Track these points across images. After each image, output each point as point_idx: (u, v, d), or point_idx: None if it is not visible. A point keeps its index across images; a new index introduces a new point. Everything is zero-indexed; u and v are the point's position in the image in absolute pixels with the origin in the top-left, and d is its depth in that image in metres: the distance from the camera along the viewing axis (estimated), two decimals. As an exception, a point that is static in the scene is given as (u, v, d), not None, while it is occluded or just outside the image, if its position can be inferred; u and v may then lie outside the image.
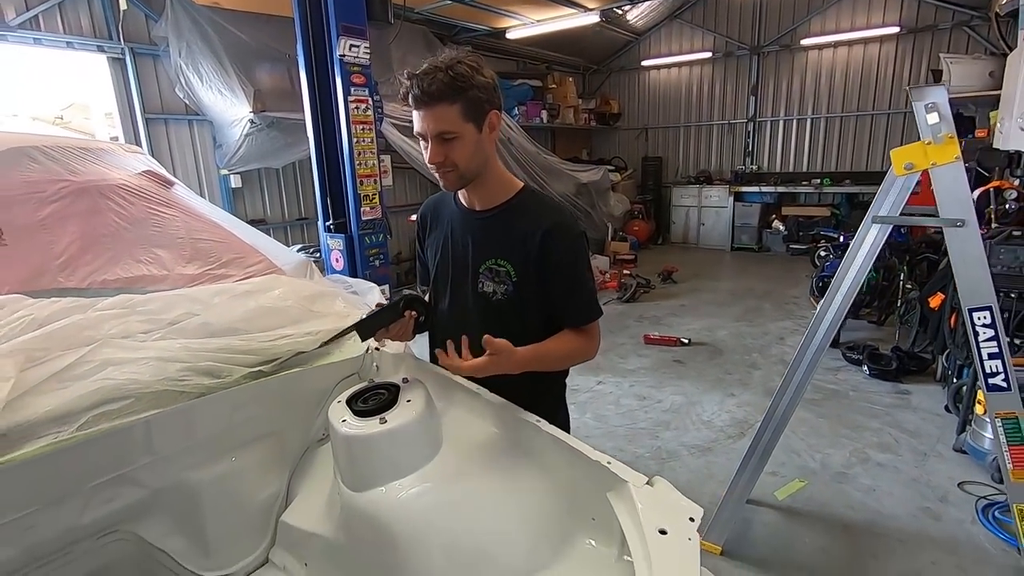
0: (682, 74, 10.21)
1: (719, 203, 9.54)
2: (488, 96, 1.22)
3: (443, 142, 1.22)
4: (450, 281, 1.44)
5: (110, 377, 1.14)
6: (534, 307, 1.35)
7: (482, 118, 1.23)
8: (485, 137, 1.26)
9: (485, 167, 1.31)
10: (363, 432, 1.16)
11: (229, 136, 5.16)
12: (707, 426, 3.59)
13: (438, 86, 1.15)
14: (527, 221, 1.31)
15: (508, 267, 1.33)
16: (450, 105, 1.18)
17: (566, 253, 1.31)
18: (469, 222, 1.39)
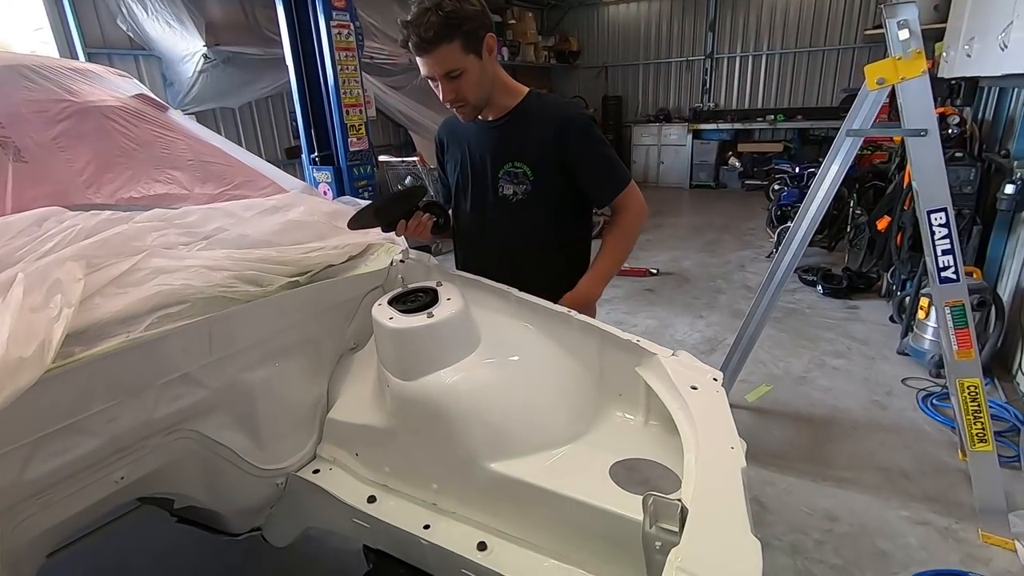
0: (640, 10, 10.11)
1: (678, 141, 9.71)
2: (481, 23, 1.28)
3: (451, 80, 1.30)
4: (471, 190, 1.53)
5: (166, 283, 1.18)
6: (553, 201, 1.45)
7: (480, 45, 1.30)
8: (487, 61, 1.33)
9: (495, 86, 1.39)
10: (413, 325, 1.25)
11: (181, 73, 4.87)
12: (680, 345, 3.83)
13: (434, 29, 1.22)
14: (537, 122, 1.40)
15: (525, 168, 1.43)
16: (449, 44, 1.24)
17: (581, 141, 1.41)
18: (483, 133, 1.47)
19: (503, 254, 1.55)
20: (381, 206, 1.40)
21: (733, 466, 0.89)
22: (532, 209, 1.46)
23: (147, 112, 1.75)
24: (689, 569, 0.71)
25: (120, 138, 1.58)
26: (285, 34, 2.64)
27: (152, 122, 1.73)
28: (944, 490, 2.38)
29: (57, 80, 1.60)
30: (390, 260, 1.64)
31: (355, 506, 1.33)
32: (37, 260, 1.03)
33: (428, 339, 1.27)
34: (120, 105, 1.68)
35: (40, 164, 1.36)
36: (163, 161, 1.61)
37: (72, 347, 1.03)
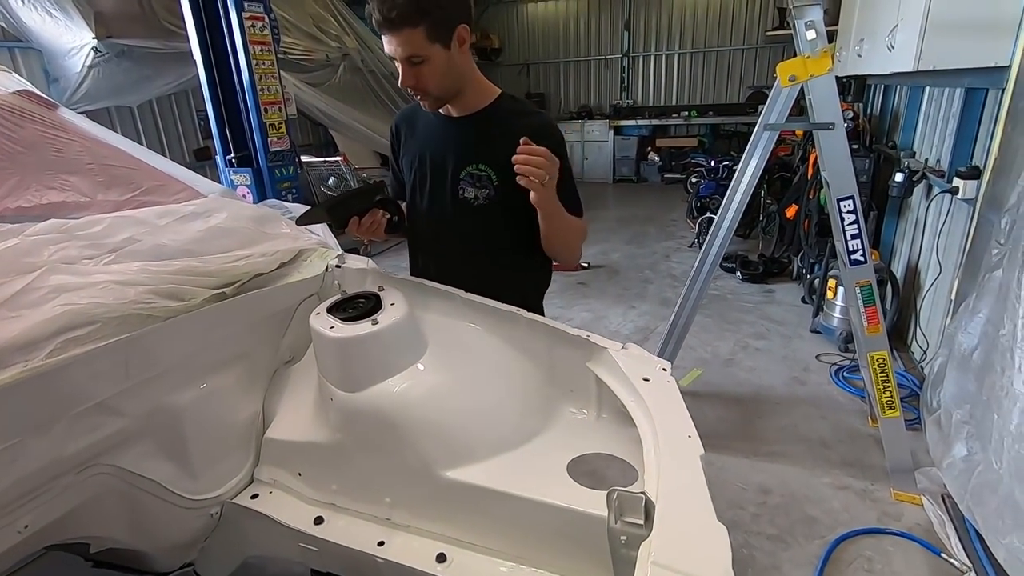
0: (559, 8, 10.28)
1: (600, 137, 9.97)
2: (454, 12, 1.20)
3: (412, 65, 1.21)
4: (428, 189, 1.44)
5: (71, 302, 1.05)
6: (516, 211, 1.35)
7: (450, 35, 1.21)
8: (455, 54, 1.24)
9: (464, 80, 1.31)
10: (357, 333, 1.19)
11: (67, 68, 4.40)
12: (615, 336, 3.94)
13: (399, 10, 1.12)
14: (509, 125, 1.31)
15: (490, 172, 1.35)
16: (413, 28, 1.15)
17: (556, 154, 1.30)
18: (446, 129, 1.39)
19: (464, 260, 1.50)
20: (336, 203, 1.32)
21: (692, 454, 0.91)
22: (494, 216, 1.39)
23: (31, 110, 1.56)
24: (663, 561, 0.71)
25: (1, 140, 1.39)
26: (191, 27, 2.43)
27: (39, 121, 1.54)
28: (859, 455, 2.59)
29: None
30: (325, 266, 1.56)
31: (300, 529, 1.25)
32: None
33: (374, 347, 1.21)
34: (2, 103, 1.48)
35: (-99, 172, 1.17)
36: (55, 165, 1.44)
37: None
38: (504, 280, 1.46)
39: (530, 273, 1.59)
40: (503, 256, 1.47)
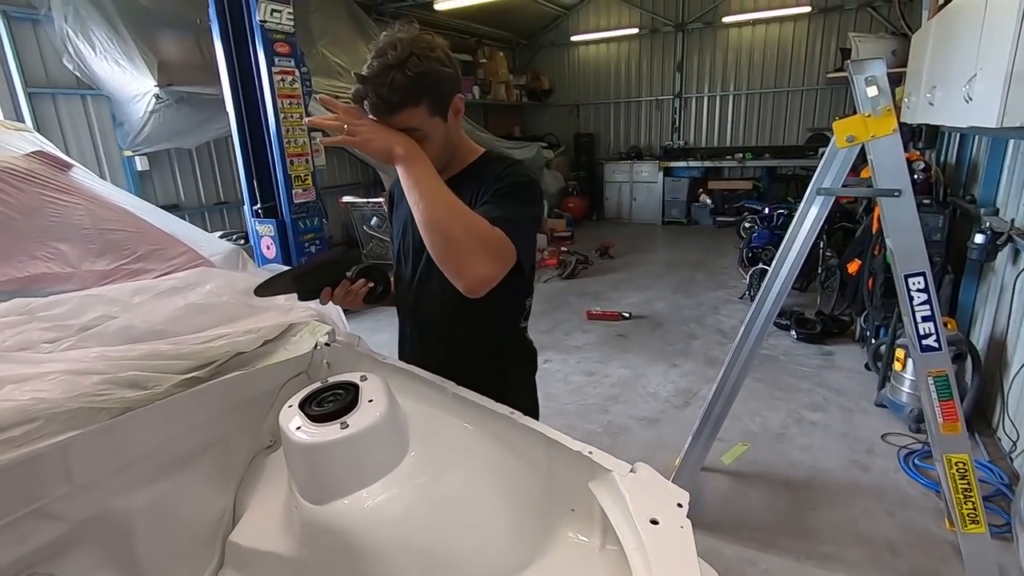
0: (611, 50, 10.28)
1: (650, 178, 9.76)
2: (450, 84, 1.13)
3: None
4: (412, 254, 1.35)
5: (9, 398, 0.96)
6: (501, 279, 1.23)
7: (447, 108, 1.15)
8: (452, 123, 1.18)
9: (457, 148, 1.25)
10: (322, 439, 1.05)
11: (131, 113, 4.65)
12: (654, 398, 3.68)
13: (400, 92, 1.04)
14: (481, 179, 1.23)
15: None
16: (415, 108, 1.08)
17: (503, 180, 1.19)
18: None
19: (444, 330, 1.37)
20: (301, 273, 1.21)
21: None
22: None
23: (40, 173, 1.54)
24: None
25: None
26: (225, 79, 2.48)
27: (45, 184, 1.52)
28: (934, 567, 2.21)
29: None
30: (314, 343, 1.44)
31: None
32: None
33: (341, 456, 1.06)
34: (5, 166, 1.47)
35: None
36: (49, 232, 1.40)
37: None
38: (487, 354, 1.35)
39: (515, 347, 1.44)
40: (484, 327, 1.32)
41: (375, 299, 1.33)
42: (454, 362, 1.33)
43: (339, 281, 1.23)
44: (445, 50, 1.12)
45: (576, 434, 3.24)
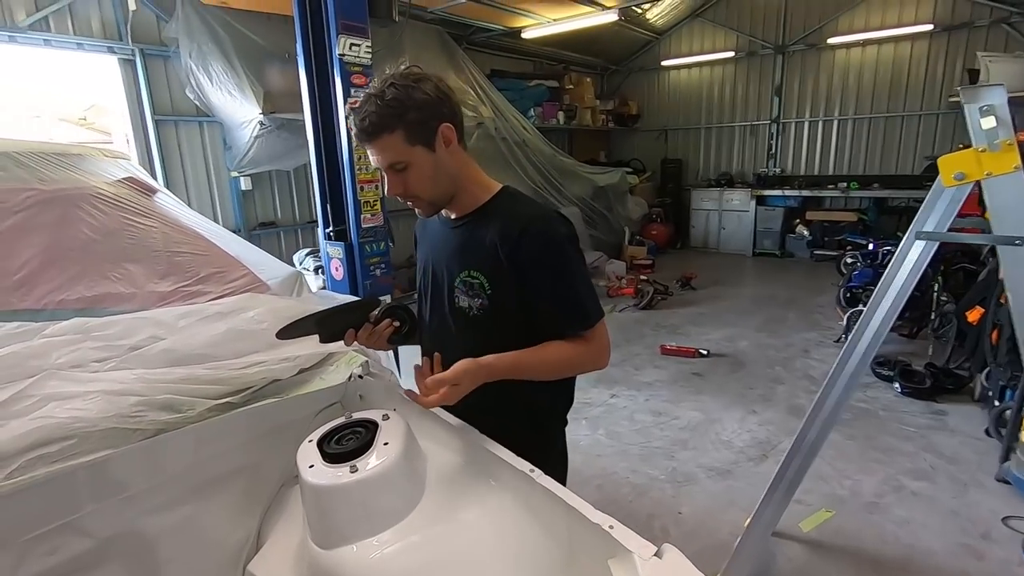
0: (703, 74, 9.95)
1: (740, 207, 9.26)
2: (431, 111, 1.12)
3: (397, 172, 1.15)
4: (430, 298, 1.33)
5: (51, 415, 1.02)
6: (513, 322, 1.21)
7: (431, 136, 1.13)
8: (442, 154, 1.16)
9: (458, 181, 1.21)
10: (331, 482, 1.02)
11: (239, 138, 5.09)
12: (727, 446, 3.39)
13: (372, 119, 1.10)
14: (499, 225, 1.18)
15: (481, 279, 1.21)
16: (391, 135, 1.11)
17: (544, 254, 1.17)
18: (446, 233, 1.29)
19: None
20: (324, 316, 1.21)
21: None
22: (490, 327, 1.22)
23: (126, 198, 1.68)
24: None
25: (82, 228, 1.50)
26: (307, 108, 2.62)
27: (128, 208, 1.65)
28: None
29: (34, 167, 1.55)
30: (349, 374, 1.43)
31: None
32: None
33: (348, 501, 1.02)
34: (95, 192, 1.61)
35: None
36: (124, 253, 1.51)
37: (-97, 504, 0.86)
38: (509, 399, 1.26)
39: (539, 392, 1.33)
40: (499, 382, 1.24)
41: (401, 339, 1.30)
42: (478, 404, 1.27)
43: (363, 323, 1.22)
44: (435, 85, 1.13)
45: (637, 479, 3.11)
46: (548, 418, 1.38)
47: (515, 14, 6.84)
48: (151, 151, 4.92)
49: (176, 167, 5.10)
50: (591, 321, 1.22)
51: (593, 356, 1.25)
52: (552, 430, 1.41)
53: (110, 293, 1.37)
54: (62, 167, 1.62)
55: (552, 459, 1.40)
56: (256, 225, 5.73)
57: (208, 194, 5.36)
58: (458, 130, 1.17)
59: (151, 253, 1.56)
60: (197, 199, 5.26)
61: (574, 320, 1.21)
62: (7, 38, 4.09)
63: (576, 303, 1.21)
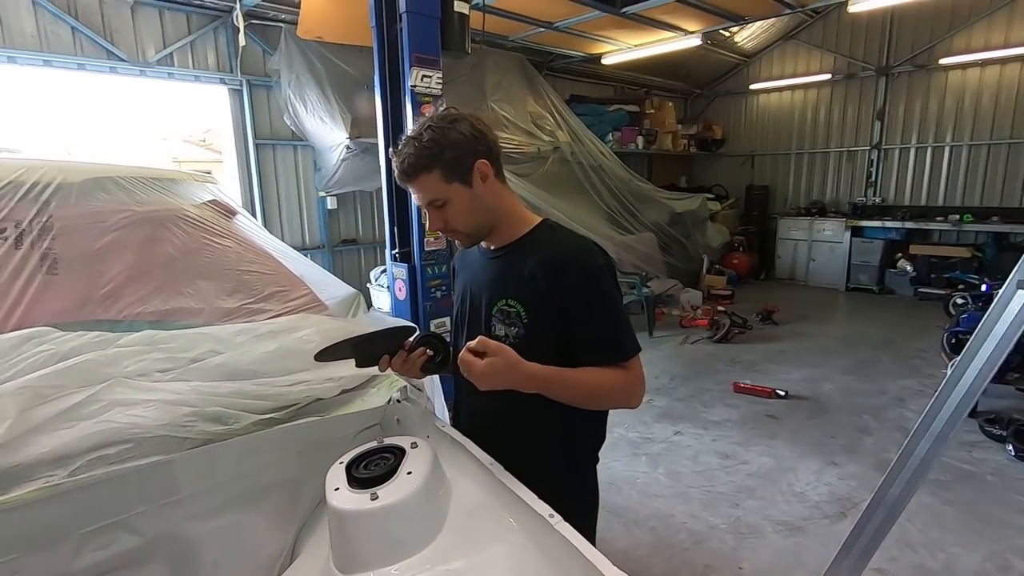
0: (796, 98, 9.48)
1: (833, 237, 8.64)
2: (466, 150, 1.17)
3: (437, 209, 1.21)
4: (466, 328, 1.36)
5: (112, 420, 1.11)
6: (549, 352, 1.20)
7: (467, 173, 1.18)
8: (479, 189, 1.20)
9: (497, 214, 1.25)
10: (351, 507, 1.03)
11: (328, 160, 5.45)
12: (800, 499, 3.12)
13: (410, 161, 1.17)
14: (538, 256, 1.21)
15: (519, 308, 1.23)
16: (428, 174, 1.17)
17: (584, 285, 1.18)
18: (483, 263, 1.33)
19: (497, 404, 1.30)
20: (361, 341, 1.25)
21: None
22: (527, 357, 1.21)
23: (207, 219, 1.83)
24: None
25: (165, 247, 1.65)
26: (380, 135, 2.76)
27: (208, 229, 1.79)
28: None
29: (132, 190, 1.73)
30: (388, 397, 1.47)
31: None
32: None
33: (368, 528, 1.04)
34: (182, 213, 1.77)
35: (70, 277, 1.43)
36: (199, 270, 1.64)
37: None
38: (541, 432, 1.28)
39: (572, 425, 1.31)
40: (537, 402, 1.21)
41: (435, 368, 1.32)
42: (508, 436, 1.26)
43: (398, 350, 1.25)
44: (471, 125, 1.18)
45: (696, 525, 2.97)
46: (579, 454, 1.35)
47: (595, 41, 6.88)
48: (251, 171, 5.37)
49: (271, 186, 5.54)
50: (628, 353, 1.21)
51: (628, 388, 1.22)
52: (583, 468, 1.36)
53: (182, 308, 1.50)
54: (156, 190, 1.81)
55: (581, 497, 1.36)
56: (339, 242, 6.07)
57: (298, 212, 5.76)
58: (495, 165, 1.22)
59: (222, 271, 1.69)
60: (288, 216, 5.67)
61: (611, 350, 1.21)
62: (139, 72, 4.65)
63: (614, 334, 1.20)
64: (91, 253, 1.51)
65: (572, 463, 1.33)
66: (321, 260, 5.90)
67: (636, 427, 4.01)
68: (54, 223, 1.50)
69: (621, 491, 3.20)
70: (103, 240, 1.55)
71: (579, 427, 1.30)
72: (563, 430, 1.29)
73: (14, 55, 4.10)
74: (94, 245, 1.53)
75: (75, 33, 4.32)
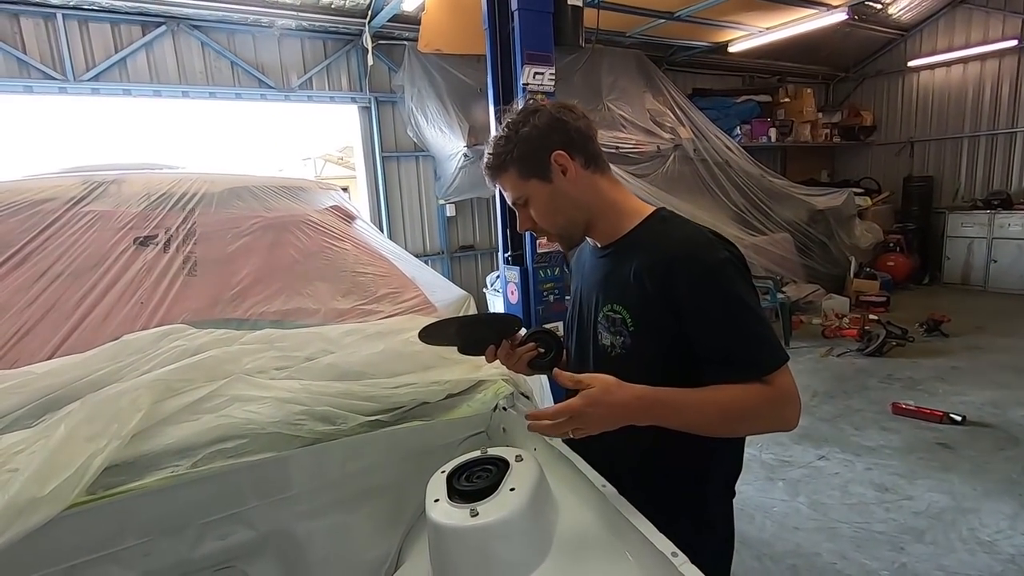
0: (968, 72, 8.12)
1: (1022, 234, 7.25)
2: (539, 143, 1.08)
3: (521, 208, 1.15)
4: (575, 332, 1.24)
5: (230, 415, 1.15)
6: (660, 366, 1.04)
7: (544, 168, 1.09)
8: (561, 183, 1.09)
9: (585, 211, 1.12)
10: (449, 523, 0.96)
11: (446, 169, 5.62)
12: (987, 549, 2.57)
13: (489, 161, 1.14)
14: (644, 253, 1.05)
15: (624, 314, 1.08)
16: (506, 172, 1.13)
17: (698, 288, 0.99)
18: (592, 262, 1.21)
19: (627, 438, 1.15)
20: (464, 325, 1.20)
21: None
22: (632, 369, 1.04)
23: (329, 224, 1.90)
24: None
25: (289, 250, 1.73)
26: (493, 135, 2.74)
27: (328, 233, 1.86)
28: None
29: (263, 198, 1.85)
30: (495, 404, 1.39)
31: None
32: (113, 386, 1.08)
33: (465, 546, 0.96)
34: (306, 218, 1.85)
35: (206, 277, 1.53)
36: (317, 272, 1.70)
37: (120, 476, 1.04)
38: (653, 451, 1.10)
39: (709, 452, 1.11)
40: (639, 439, 1.06)
41: (545, 366, 1.22)
42: (624, 451, 1.12)
43: (497, 340, 1.18)
44: (553, 111, 1.10)
45: (848, 569, 2.61)
46: (712, 485, 1.16)
47: (720, 28, 6.41)
48: (378, 183, 5.70)
49: (396, 196, 5.84)
50: (769, 365, 0.99)
51: (777, 407, 1.00)
52: (717, 502, 1.17)
53: (300, 308, 1.56)
54: (285, 197, 1.91)
55: (714, 535, 1.18)
56: (457, 248, 6.24)
57: (420, 219, 6.01)
58: (580, 154, 1.09)
59: (339, 273, 1.74)
60: (410, 224, 5.94)
61: (743, 366, 0.99)
62: (284, 97, 5.15)
63: (744, 345, 0.99)
64: (225, 256, 1.62)
65: (703, 496, 1.15)
66: (440, 266, 6.10)
67: (770, 448, 3.59)
68: (196, 229, 1.63)
69: (753, 520, 2.87)
70: (236, 244, 1.66)
71: (712, 453, 1.12)
72: (663, 457, 1.11)
73: (187, 90, 4.72)
74: (228, 249, 1.64)
75: (233, 67, 4.88)
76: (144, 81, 4.52)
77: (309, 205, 1.96)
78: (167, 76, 4.61)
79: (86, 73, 4.30)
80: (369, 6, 4.89)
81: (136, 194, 1.64)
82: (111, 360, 1.19)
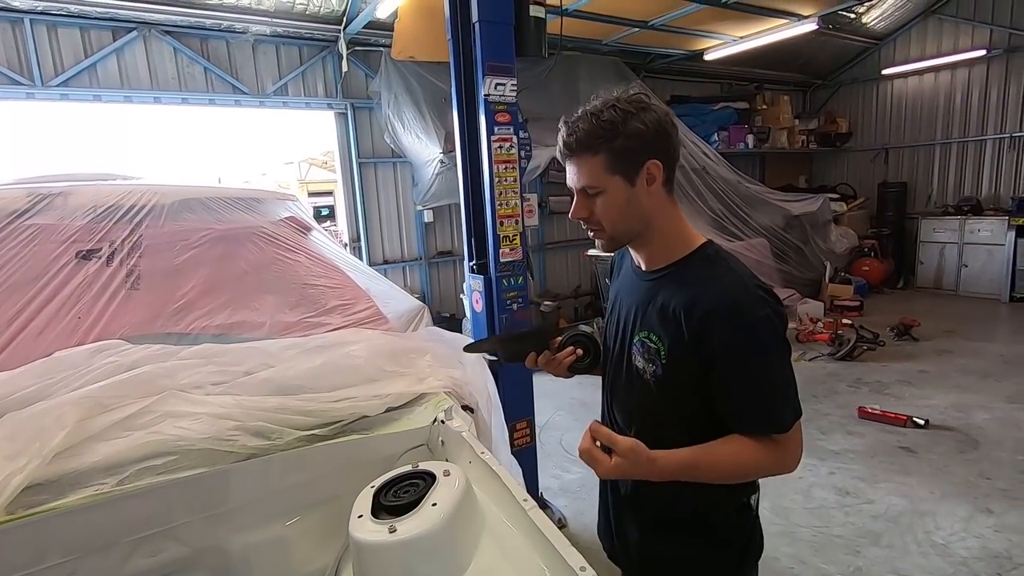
0: (941, 80, 8.30)
1: (992, 239, 7.42)
2: (644, 144, 1.03)
3: (587, 196, 1.09)
4: (614, 343, 1.24)
5: (161, 431, 1.15)
6: (686, 400, 1.07)
7: (635, 170, 1.05)
8: (641, 191, 1.06)
9: (646, 225, 1.10)
10: (368, 539, 0.97)
11: (424, 175, 5.64)
12: (941, 552, 2.62)
13: (579, 136, 1.05)
14: (689, 292, 1.06)
15: (660, 346, 1.09)
16: (593, 156, 1.05)
17: (733, 344, 1.00)
18: (634, 282, 1.20)
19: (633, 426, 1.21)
20: (505, 340, 1.26)
21: None
22: (660, 399, 1.10)
23: (282, 235, 1.91)
24: None
25: (238, 263, 1.73)
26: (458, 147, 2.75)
27: (282, 245, 1.87)
28: None
29: (215, 210, 1.85)
30: (434, 417, 1.40)
31: None
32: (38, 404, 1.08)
33: (382, 562, 0.98)
34: (258, 230, 1.85)
35: (149, 291, 1.53)
36: (266, 285, 1.70)
37: (42, 496, 1.04)
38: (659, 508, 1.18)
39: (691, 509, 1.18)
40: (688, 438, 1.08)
41: (585, 368, 1.26)
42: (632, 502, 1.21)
43: (544, 348, 1.24)
44: (657, 117, 1.03)
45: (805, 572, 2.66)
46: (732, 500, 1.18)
47: (694, 36, 6.50)
48: (355, 188, 5.69)
49: (373, 201, 5.83)
50: (785, 425, 1.03)
51: (781, 463, 1.06)
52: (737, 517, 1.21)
53: (244, 321, 1.56)
54: (238, 209, 1.91)
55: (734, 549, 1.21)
56: (435, 254, 6.25)
57: (397, 225, 6.01)
58: (667, 171, 1.06)
59: (289, 285, 1.74)
60: (388, 230, 5.93)
61: (764, 421, 1.03)
62: (258, 103, 5.13)
63: (768, 402, 1.03)
64: (170, 269, 1.62)
65: (723, 511, 1.17)
66: (418, 272, 6.11)
67: (738, 453, 3.63)
68: (143, 241, 1.63)
69: (717, 524, 2.90)
70: (183, 257, 1.66)
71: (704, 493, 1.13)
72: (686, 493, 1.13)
73: (159, 95, 4.69)
74: (174, 262, 1.64)
75: (207, 72, 4.85)
76: (115, 87, 4.49)
77: (263, 216, 1.96)
78: (138, 82, 4.57)
79: (55, 78, 4.26)
80: (344, 13, 4.89)
81: (82, 206, 1.63)
82: (41, 377, 1.19)
